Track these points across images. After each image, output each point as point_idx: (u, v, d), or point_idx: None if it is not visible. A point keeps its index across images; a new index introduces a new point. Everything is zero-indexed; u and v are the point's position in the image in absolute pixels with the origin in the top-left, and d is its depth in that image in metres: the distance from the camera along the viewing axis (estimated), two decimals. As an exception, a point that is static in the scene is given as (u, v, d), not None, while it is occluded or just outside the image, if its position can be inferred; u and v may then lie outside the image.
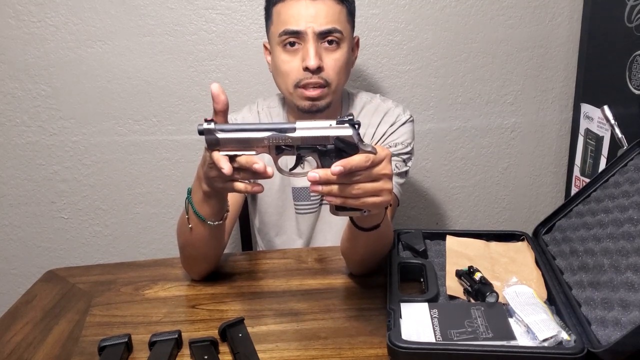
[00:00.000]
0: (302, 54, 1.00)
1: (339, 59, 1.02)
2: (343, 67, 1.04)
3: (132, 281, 0.96)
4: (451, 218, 1.74)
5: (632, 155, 0.90)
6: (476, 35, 1.53)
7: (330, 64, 1.01)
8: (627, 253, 0.76)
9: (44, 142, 1.50)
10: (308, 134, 0.68)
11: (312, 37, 0.98)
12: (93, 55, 1.44)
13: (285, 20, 0.99)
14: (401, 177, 1.10)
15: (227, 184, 0.73)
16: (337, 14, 1.00)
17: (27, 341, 0.80)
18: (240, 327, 0.78)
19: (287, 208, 1.17)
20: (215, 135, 0.68)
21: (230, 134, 0.68)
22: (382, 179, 0.69)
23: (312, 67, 0.98)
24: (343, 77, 1.05)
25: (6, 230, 1.59)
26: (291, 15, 0.99)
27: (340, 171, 0.65)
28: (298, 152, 0.70)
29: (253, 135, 0.68)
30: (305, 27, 0.98)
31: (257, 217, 1.24)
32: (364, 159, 0.66)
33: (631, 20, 1.26)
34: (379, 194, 0.69)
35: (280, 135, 0.68)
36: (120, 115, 1.50)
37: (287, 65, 1.02)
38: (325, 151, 0.68)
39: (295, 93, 1.03)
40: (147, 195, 1.59)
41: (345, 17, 1.02)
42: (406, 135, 1.12)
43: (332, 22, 0.99)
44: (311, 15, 0.98)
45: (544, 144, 1.68)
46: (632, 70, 1.25)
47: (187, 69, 1.48)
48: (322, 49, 1.00)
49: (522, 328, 0.74)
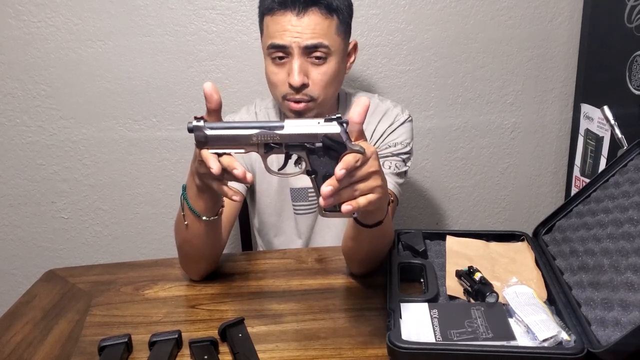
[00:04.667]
0: (288, 69, 0.99)
1: (326, 73, 1.00)
2: (331, 80, 1.02)
3: (132, 281, 0.96)
4: (451, 218, 1.74)
5: (632, 155, 0.90)
6: (476, 35, 1.53)
7: (317, 79, 1.00)
8: (627, 253, 0.76)
9: (44, 142, 1.50)
10: (296, 132, 0.68)
11: (297, 53, 0.97)
12: (93, 55, 1.44)
13: (272, 34, 0.98)
14: (400, 177, 1.10)
15: (215, 183, 0.74)
16: (324, 28, 0.97)
17: (27, 341, 0.80)
18: (240, 327, 0.78)
19: (286, 209, 1.17)
20: (204, 132, 0.68)
21: (218, 131, 0.69)
22: (372, 176, 0.69)
23: (295, 84, 0.98)
24: (331, 89, 1.04)
25: (6, 230, 1.59)
26: (277, 30, 0.97)
27: (343, 174, 0.64)
28: (286, 151, 0.70)
29: (241, 132, 0.69)
30: (291, 42, 0.96)
31: (256, 218, 1.24)
32: (351, 158, 0.66)
33: (631, 20, 1.26)
34: (370, 191, 0.68)
35: (268, 132, 0.69)
36: (120, 115, 1.50)
37: (275, 77, 1.01)
38: (313, 149, 0.69)
39: (283, 104, 1.03)
40: (147, 195, 1.59)
41: (334, 30, 0.99)
42: (405, 135, 1.12)
43: (318, 37, 0.97)
44: (297, 31, 0.96)
45: (544, 144, 1.68)
46: (632, 71, 1.25)
47: (187, 69, 1.47)
48: (307, 64, 0.99)
49: (522, 328, 0.74)
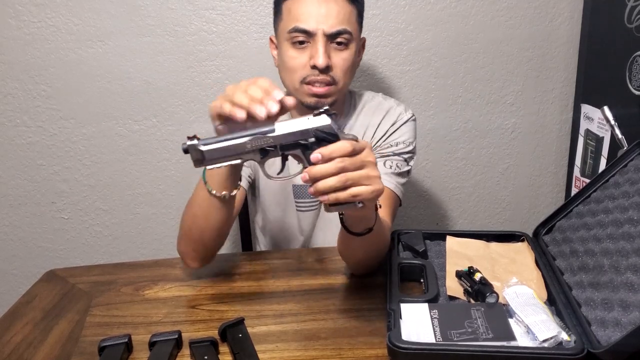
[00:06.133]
0: (311, 52, 0.99)
1: (347, 59, 1.01)
2: (350, 68, 1.03)
3: (132, 281, 0.96)
4: (451, 218, 1.74)
5: (632, 155, 0.90)
6: (476, 36, 1.53)
7: (339, 64, 1.01)
8: (627, 253, 0.76)
9: (44, 142, 1.50)
10: (288, 130, 0.70)
11: (322, 38, 0.98)
12: (93, 55, 1.44)
13: (295, 18, 0.98)
14: (403, 177, 1.10)
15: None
16: (347, 14, 0.99)
17: (27, 341, 0.80)
18: (240, 328, 0.78)
19: (289, 205, 1.17)
20: (199, 149, 0.70)
21: (212, 145, 0.71)
22: (368, 165, 0.69)
23: (320, 66, 0.98)
24: (349, 77, 1.05)
25: (6, 230, 1.59)
26: (302, 13, 0.98)
27: (317, 158, 0.66)
28: (282, 152, 0.71)
29: (234, 142, 0.71)
30: (316, 27, 0.97)
31: (259, 214, 1.23)
32: (346, 144, 0.67)
33: (631, 20, 1.26)
34: (367, 182, 0.68)
35: (260, 136, 0.70)
36: (120, 115, 1.50)
37: (294, 62, 1.01)
38: (307, 145, 0.70)
39: (300, 89, 1.02)
40: (147, 195, 1.59)
41: (355, 18, 1.02)
42: (408, 134, 1.12)
43: (342, 22, 0.98)
44: (322, 15, 0.97)
45: (544, 145, 1.68)
46: (632, 71, 1.25)
47: (187, 69, 1.47)
48: (331, 48, 1.00)
49: (522, 328, 0.74)
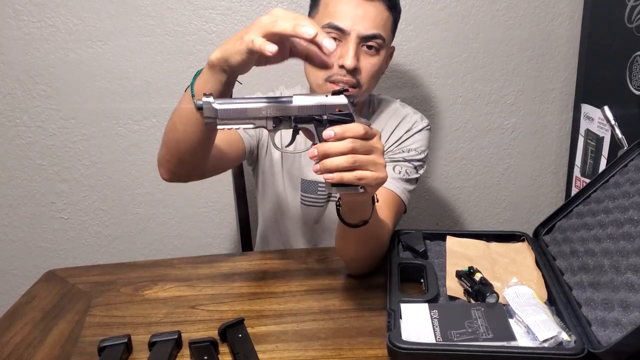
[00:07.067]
0: (341, 51, 0.98)
1: (375, 65, 1.01)
2: (377, 73, 1.03)
3: (131, 282, 0.96)
4: (451, 218, 1.74)
5: (633, 155, 0.90)
6: (476, 36, 1.53)
7: (366, 68, 1.00)
8: (627, 253, 0.76)
9: (43, 142, 1.50)
10: (305, 103, 0.70)
11: (355, 39, 0.97)
12: (93, 55, 1.44)
13: (331, 14, 0.97)
14: (410, 184, 1.08)
15: None
16: (384, 20, 0.99)
17: (26, 342, 0.80)
18: (240, 328, 0.78)
19: (295, 196, 1.16)
20: (213, 107, 0.69)
21: (228, 105, 0.69)
22: (376, 152, 0.70)
23: (348, 67, 0.97)
24: (374, 83, 1.04)
25: (6, 231, 1.59)
26: (339, 10, 0.97)
27: (330, 135, 0.67)
28: (295, 124, 0.71)
29: (250, 105, 0.70)
30: (351, 27, 0.96)
31: (264, 200, 1.21)
32: (359, 126, 0.68)
33: (631, 20, 1.26)
34: (373, 168, 0.69)
35: (277, 104, 0.70)
36: (120, 115, 1.50)
37: None
38: (321, 121, 0.70)
39: (324, 86, 1.00)
40: (147, 195, 1.58)
41: (390, 26, 1.01)
42: (420, 142, 1.11)
43: (377, 27, 0.98)
44: (359, 16, 0.96)
45: (544, 145, 1.68)
46: (632, 71, 1.25)
47: (187, 69, 1.47)
48: (361, 51, 0.99)
49: (523, 329, 0.73)
